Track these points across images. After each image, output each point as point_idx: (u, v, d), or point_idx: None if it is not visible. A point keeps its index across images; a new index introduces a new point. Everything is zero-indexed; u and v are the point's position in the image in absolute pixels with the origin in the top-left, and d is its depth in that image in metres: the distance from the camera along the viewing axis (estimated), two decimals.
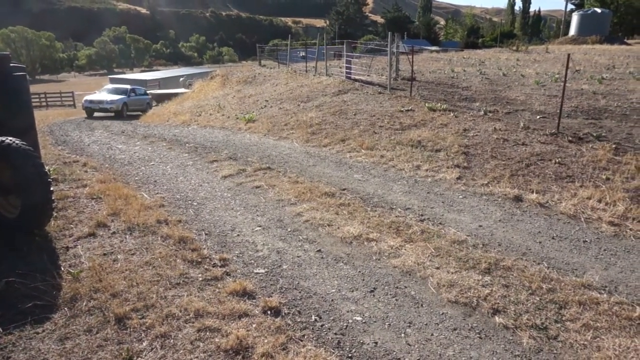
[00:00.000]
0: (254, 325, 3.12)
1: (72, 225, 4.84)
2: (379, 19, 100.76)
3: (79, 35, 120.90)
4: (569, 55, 8.44)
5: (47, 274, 3.67)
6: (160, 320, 3.13)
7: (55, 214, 4.94)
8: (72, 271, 3.74)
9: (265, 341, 2.94)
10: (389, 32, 13.09)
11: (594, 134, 7.28)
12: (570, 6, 47.98)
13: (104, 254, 4.16)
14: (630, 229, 4.72)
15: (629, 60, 15.88)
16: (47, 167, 5.31)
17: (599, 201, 5.35)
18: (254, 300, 3.45)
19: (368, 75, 14.62)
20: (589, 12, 32.67)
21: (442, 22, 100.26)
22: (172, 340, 2.95)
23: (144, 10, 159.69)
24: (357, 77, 14.60)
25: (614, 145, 6.77)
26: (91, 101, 19.84)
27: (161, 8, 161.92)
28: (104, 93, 20.74)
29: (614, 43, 26.94)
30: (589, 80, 11.55)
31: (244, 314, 3.24)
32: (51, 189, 4.44)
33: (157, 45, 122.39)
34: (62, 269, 3.87)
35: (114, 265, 3.90)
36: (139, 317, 3.18)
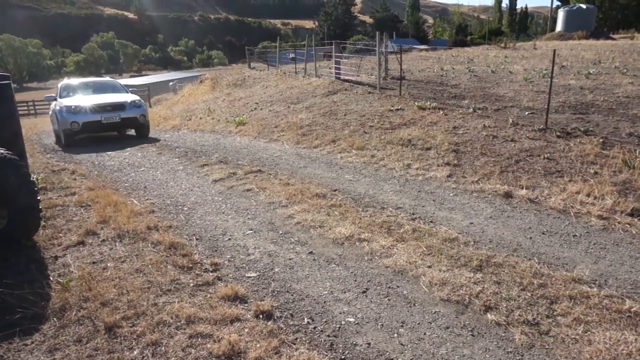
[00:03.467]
0: (246, 330, 3.10)
1: (60, 234, 4.78)
2: (367, 19, 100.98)
3: (66, 42, 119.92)
4: (554, 51, 8.52)
5: (35, 284, 3.62)
6: (151, 328, 3.10)
7: (43, 223, 4.89)
8: (61, 280, 3.69)
9: (258, 345, 2.92)
10: (378, 32, 13.12)
11: (582, 129, 7.34)
12: (556, 2, 48.48)
13: (94, 263, 4.11)
14: (619, 222, 4.76)
15: (615, 55, 16.05)
16: (34, 176, 5.26)
17: (588, 195, 5.39)
18: (245, 305, 3.43)
19: (357, 76, 14.64)
20: (575, 8, 33.04)
21: (431, 21, 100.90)
22: (163, 348, 2.93)
23: (131, 15, 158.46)
24: (346, 77, 14.62)
25: (601, 140, 6.83)
26: (94, 108, 10.21)
27: (149, 12, 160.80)
28: (78, 96, 11.07)
29: (600, 38, 27.30)
30: (576, 75, 11.65)
31: (236, 319, 3.22)
32: (38, 198, 4.40)
33: (146, 50, 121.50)
34: (51, 278, 3.82)
35: (103, 274, 3.86)
36: (130, 325, 3.14)
